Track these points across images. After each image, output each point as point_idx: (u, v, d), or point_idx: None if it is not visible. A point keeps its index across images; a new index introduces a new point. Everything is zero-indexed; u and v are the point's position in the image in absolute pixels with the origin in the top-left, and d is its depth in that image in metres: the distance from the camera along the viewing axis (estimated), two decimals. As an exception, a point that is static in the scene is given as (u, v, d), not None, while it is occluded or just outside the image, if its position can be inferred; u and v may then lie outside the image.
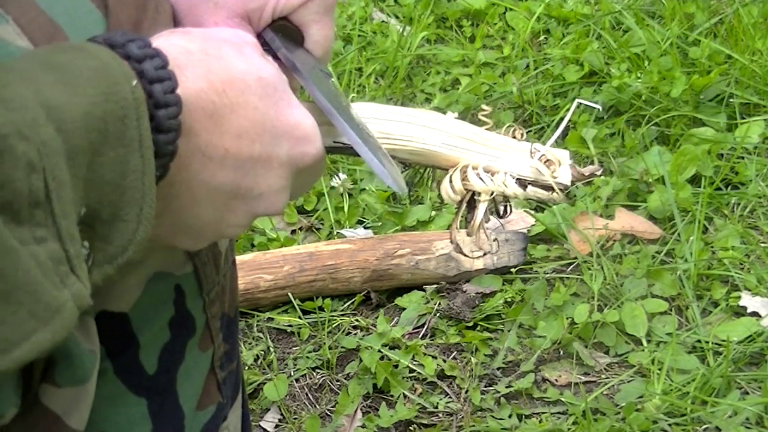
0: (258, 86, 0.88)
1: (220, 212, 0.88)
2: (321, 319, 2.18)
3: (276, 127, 0.89)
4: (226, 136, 0.85)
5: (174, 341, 1.05)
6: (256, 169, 0.88)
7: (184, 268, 1.04)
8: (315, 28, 1.08)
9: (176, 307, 1.04)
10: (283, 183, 0.90)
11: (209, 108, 0.84)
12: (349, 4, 3.02)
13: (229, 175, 0.87)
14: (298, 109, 0.91)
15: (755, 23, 2.77)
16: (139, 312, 1.01)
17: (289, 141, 0.90)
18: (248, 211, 0.90)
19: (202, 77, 0.84)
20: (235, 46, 0.89)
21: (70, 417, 0.93)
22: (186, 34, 0.88)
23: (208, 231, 0.90)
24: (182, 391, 1.07)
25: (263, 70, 0.89)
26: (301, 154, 0.91)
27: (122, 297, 0.99)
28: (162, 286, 1.03)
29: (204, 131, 0.84)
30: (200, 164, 0.85)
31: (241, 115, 0.86)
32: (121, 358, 1.02)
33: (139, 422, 1.04)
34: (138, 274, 1.00)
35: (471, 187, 1.06)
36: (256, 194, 0.89)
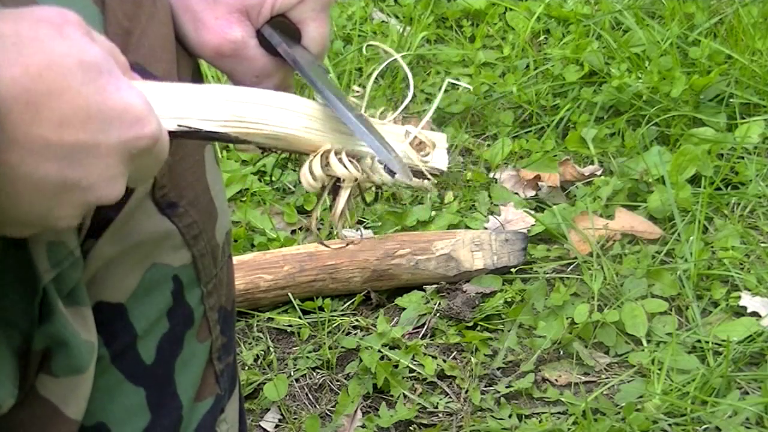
0: (79, 69, 0.80)
1: (47, 205, 0.82)
2: (321, 319, 2.18)
3: (102, 111, 0.81)
4: (45, 126, 0.79)
5: (172, 331, 1.05)
6: (83, 158, 0.81)
7: (182, 260, 1.04)
8: (312, 25, 1.08)
9: (174, 298, 1.04)
10: (115, 171, 0.83)
11: (24, 96, 0.77)
12: (349, 4, 3.02)
13: (53, 167, 0.80)
14: (128, 90, 0.84)
15: (755, 23, 2.77)
16: (136, 302, 1.01)
17: (119, 126, 0.83)
18: (79, 202, 0.83)
19: (15, 62, 0.77)
20: (55, 26, 0.81)
21: (68, 407, 0.93)
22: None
23: (37, 223, 0.84)
24: (180, 382, 1.07)
25: (86, 52, 0.81)
26: (134, 138, 0.84)
27: (119, 288, 1.00)
28: (159, 277, 1.02)
29: (20, 122, 0.78)
30: (19, 157, 0.79)
31: (62, 102, 0.79)
32: (118, 347, 1.02)
33: (137, 412, 1.04)
34: (135, 264, 1.00)
35: (333, 173, 0.99)
36: (85, 185, 0.82)
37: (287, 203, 2.46)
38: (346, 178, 0.99)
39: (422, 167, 1.01)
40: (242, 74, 1.10)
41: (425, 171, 1.02)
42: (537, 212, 2.40)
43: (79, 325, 0.92)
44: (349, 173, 0.99)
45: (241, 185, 2.49)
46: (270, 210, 2.43)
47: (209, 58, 1.09)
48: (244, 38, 1.07)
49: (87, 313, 0.94)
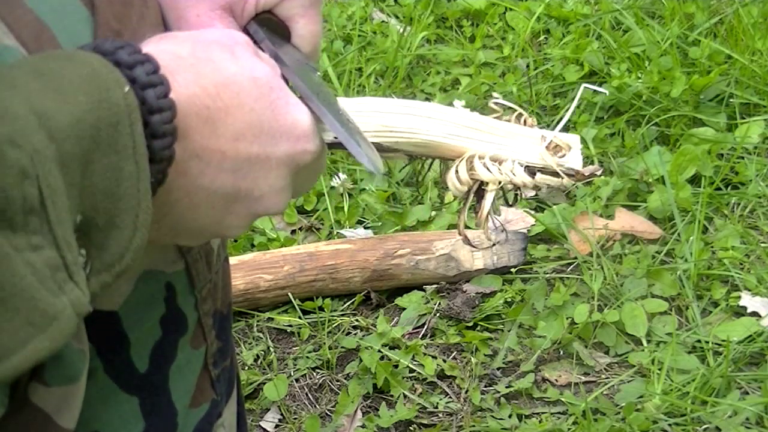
0: (252, 87, 0.86)
1: (220, 215, 0.88)
2: (321, 319, 2.18)
3: (273, 127, 0.87)
4: (222, 140, 0.85)
5: (165, 339, 1.04)
6: (255, 170, 0.87)
7: (175, 266, 1.03)
8: (301, 22, 1.05)
9: (167, 305, 1.04)
10: (283, 183, 0.89)
11: (204, 113, 0.83)
12: (349, 4, 3.02)
13: (228, 178, 0.86)
14: (295, 107, 0.90)
15: (755, 23, 2.77)
16: (129, 310, 1.00)
17: (287, 140, 0.89)
18: (249, 213, 0.89)
19: (194, 82, 0.83)
20: (226, 47, 0.87)
21: (61, 416, 0.92)
22: (175, 39, 0.87)
23: (209, 232, 0.90)
24: (175, 389, 1.07)
25: (256, 70, 0.88)
26: (300, 152, 0.90)
27: (112, 295, 0.99)
28: (152, 284, 1.02)
29: (200, 136, 0.84)
30: (198, 169, 0.84)
31: (237, 118, 0.85)
32: (111, 356, 1.01)
33: (131, 420, 1.04)
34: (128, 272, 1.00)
35: (477, 176, 1.03)
36: (256, 195, 0.88)
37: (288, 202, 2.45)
38: (490, 181, 1.03)
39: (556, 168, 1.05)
40: None
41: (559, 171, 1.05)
42: (537, 212, 2.40)
43: None
44: (493, 176, 1.03)
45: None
46: (270, 210, 2.43)
47: None
48: None
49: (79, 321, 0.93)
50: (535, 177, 1.05)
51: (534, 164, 1.05)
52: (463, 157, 1.04)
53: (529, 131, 1.08)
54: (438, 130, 1.03)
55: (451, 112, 1.04)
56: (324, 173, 2.47)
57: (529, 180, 1.05)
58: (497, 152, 1.04)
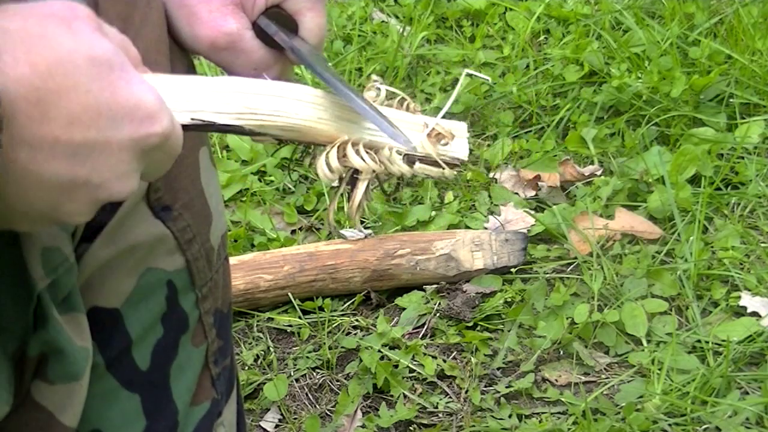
0: (89, 65, 0.79)
1: (57, 202, 0.81)
2: (321, 319, 2.18)
3: (113, 109, 0.80)
4: (54, 124, 0.78)
5: (167, 337, 1.04)
6: (93, 156, 0.80)
7: (176, 264, 1.03)
8: (308, 15, 1.08)
9: (168, 303, 1.04)
10: (127, 167, 0.82)
11: (33, 95, 0.76)
12: (349, 4, 3.02)
13: (63, 165, 0.79)
14: (139, 86, 0.82)
15: (755, 23, 2.77)
16: (130, 308, 1.00)
17: (130, 122, 0.81)
18: (90, 199, 0.82)
19: (24, 61, 0.76)
20: (63, 21, 0.80)
21: (63, 413, 0.93)
22: (5, 12, 0.79)
23: (47, 219, 0.83)
24: (176, 387, 1.07)
25: (95, 47, 0.80)
26: (145, 135, 0.82)
27: (114, 293, 0.99)
28: (154, 282, 1.02)
29: (29, 121, 0.77)
30: (28, 156, 0.78)
31: (71, 100, 0.78)
32: (113, 354, 1.01)
33: (132, 418, 1.04)
34: (129, 269, 1.00)
35: (350, 164, 0.98)
36: (96, 182, 0.81)
37: (287, 203, 2.46)
38: (363, 169, 0.99)
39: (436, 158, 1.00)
40: (240, 67, 1.09)
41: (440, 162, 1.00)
42: (537, 212, 2.40)
43: (73, 332, 0.92)
44: (366, 165, 0.98)
45: (241, 185, 2.49)
46: (270, 210, 2.43)
47: (205, 52, 1.08)
48: (240, 30, 1.07)
49: (82, 319, 0.93)
50: (414, 166, 1.00)
51: (414, 153, 1.00)
52: (335, 143, 0.98)
53: (411, 117, 1.03)
54: (306, 114, 0.97)
55: (321, 96, 0.99)
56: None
57: (408, 169, 1.00)
58: (373, 139, 0.99)
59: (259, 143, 1.04)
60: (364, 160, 0.98)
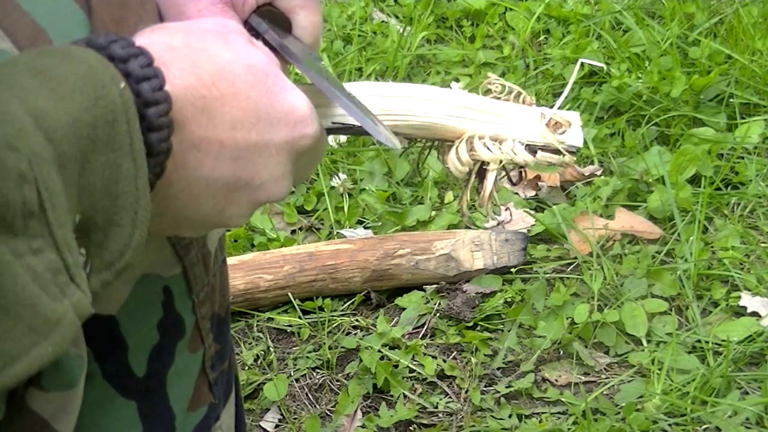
0: (247, 74, 0.86)
1: (221, 204, 0.87)
2: (321, 319, 2.18)
3: (271, 113, 0.87)
4: (219, 129, 0.84)
5: (163, 343, 1.04)
6: (254, 158, 0.86)
7: (173, 270, 1.03)
8: (302, 14, 1.07)
9: (165, 309, 1.03)
10: (283, 169, 0.89)
11: (200, 103, 0.83)
12: (349, 4, 3.02)
13: (228, 167, 0.85)
14: (292, 92, 0.89)
15: (755, 23, 2.77)
16: (126, 314, 1.00)
17: (286, 126, 0.88)
18: (250, 201, 0.88)
19: (189, 72, 0.83)
20: (220, 35, 0.87)
21: (58, 421, 0.92)
22: (167, 30, 0.86)
23: (211, 222, 0.89)
24: (172, 393, 1.06)
25: (251, 57, 0.87)
26: (299, 137, 0.89)
27: (110, 300, 0.99)
28: (150, 288, 1.02)
29: (197, 127, 0.83)
30: (196, 160, 0.84)
31: (233, 106, 0.85)
32: (109, 361, 1.01)
33: (129, 425, 1.04)
34: (125, 276, 0.99)
35: (478, 157, 1.03)
36: (257, 184, 0.87)
37: (287, 203, 2.46)
38: (491, 160, 1.03)
39: (557, 145, 1.05)
40: None
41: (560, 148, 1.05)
42: (537, 212, 2.40)
43: None
44: (494, 155, 1.03)
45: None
46: (270, 210, 2.43)
47: None
48: None
49: None
50: (536, 155, 1.05)
51: (535, 142, 1.05)
52: (462, 138, 1.04)
53: (528, 110, 1.07)
54: (436, 112, 1.03)
55: (449, 94, 1.04)
56: (324, 173, 2.47)
57: (531, 158, 1.05)
58: (497, 132, 1.04)
59: None
60: (492, 151, 1.03)
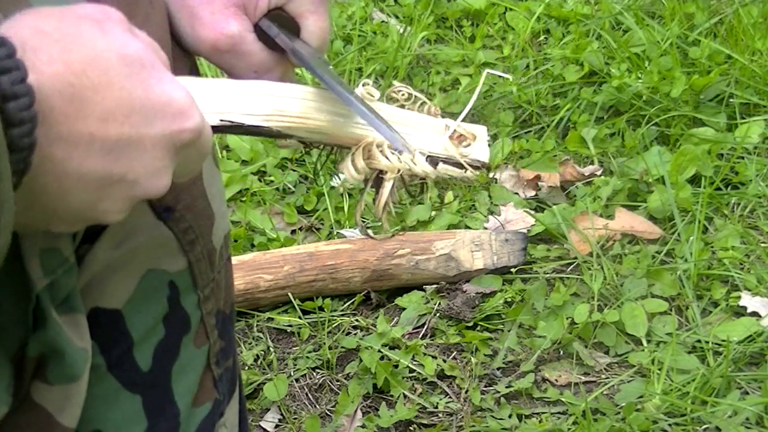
0: (122, 64, 0.81)
1: (93, 199, 0.82)
2: (321, 319, 2.18)
3: (146, 105, 0.82)
4: (90, 121, 0.79)
5: (168, 338, 1.04)
6: (128, 152, 0.81)
7: (178, 265, 1.03)
8: (311, 19, 1.08)
9: (170, 304, 1.04)
10: (160, 164, 0.84)
11: (68, 92, 0.78)
12: (349, 4, 3.02)
13: (99, 161, 0.80)
14: (170, 84, 0.84)
15: (755, 23, 2.77)
16: (132, 308, 1.00)
17: (162, 119, 0.83)
18: (126, 196, 0.84)
19: (59, 59, 0.78)
20: (96, 22, 0.82)
21: (63, 414, 0.92)
22: (39, 14, 0.81)
23: (83, 217, 0.84)
24: (177, 388, 1.07)
25: (128, 47, 0.82)
26: (178, 130, 0.84)
27: (115, 294, 0.99)
28: (156, 283, 1.02)
29: (65, 118, 0.78)
30: (65, 153, 0.79)
31: (105, 97, 0.80)
32: (114, 354, 1.01)
33: (133, 419, 1.04)
34: (131, 270, 1.00)
35: (375, 165, 1.01)
36: (131, 179, 0.82)
37: (287, 203, 2.46)
38: (389, 169, 1.01)
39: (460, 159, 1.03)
40: (241, 70, 1.09)
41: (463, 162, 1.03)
42: (537, 212, 2.40)
43: (73, 333, 0.91)
44: (392, 164, 1.01)
45: (241, 185, 2.49)
46: (270, 210, 2.43)
47: (207, 54, 1.08)
48: (241, 32, 1.06)
49: (81, 320, 0.93)
50: (437, 167, 1.02)
51: (437, 154, 1.03)
52: (360, 144, 1.01)
53: (433, 120, 1.05)
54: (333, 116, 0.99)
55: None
56: (324, 173, 2.47)
57: (431, 170, 1.02)
58: None
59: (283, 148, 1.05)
60: (389, 160, 1.00)
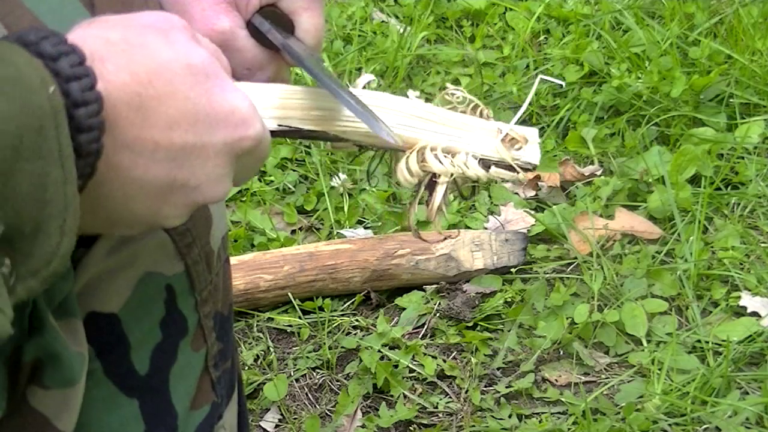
0: (187, 73, 0.83)
1: (156, 205, 0.84)
2: (321, 319, 2.18)
3: (209, 114, 0.84)
4: (155, 129, 0.81)
5: (166, 341, 1.04)
6: (191, 160, 0.83)
7: (175, 269, 1.03)
8: (305, 16, 1.07)
9: (167, 307, 1.03)
10: (221, 171, 0.85)
11: (135, 101, 0.80)
12: (349, 4, 3.02)
13: (163, 168, 0.82)
14: (233, 93, 0.86)
15: (755, 23, 2.77)
16: (129, 312, 1.00)
17: (225, 128, 0.85)
18: (187, 203, 0.85)
19: (125, 69, 0.79)
20: (161, 31, 0.83)
21: (59, 419, 0.92)
22: (106, 23, 0.82)
23: (146, 222, 0.86)
24: (175, 391, 1.06)
25: (192, 56, 0.83)
26: (239, 139, 0.86)
27: (112, 298, 0.99)
28: (152, 287, 1.01)
29: (131, 126, 0.80)
30: (130, 160, 0.81)
31: (170, 106, 0.81)
32: (111, 358, 1.00)
33: (131, 423, 1.03)
34: (128, 274, 0.99)
35: (428, 168, 1.00)
36: (193, 185, 0.84)
37: (287, 203, 2.46)
38: (441, 173, 1.01)
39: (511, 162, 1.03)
40: (233, 67, 1.08)
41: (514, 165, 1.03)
42: (537, 212, 2.40)
43: (69, 337, 0.91)
44: (444, 168, 1.01)
45: (241, 185, 2.49)
46: (270, 210, 2.43)
47: None
48: (233, 29, 1.06)
49: (77, 324, 0.93)
50: (489, 170, 1.03)
51: (489, 157, 1.03)
52: (414, 148, 1.01)
53: (485, 123, 1.05)
54: (388, 120, 0.99)
55: (404, 103, 1.02)
56: (324, 173, 2.47)
57: (483, 173, 1.02)
58: (450, 144, 1.02)
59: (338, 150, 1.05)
60: (443, 164, 1.01)
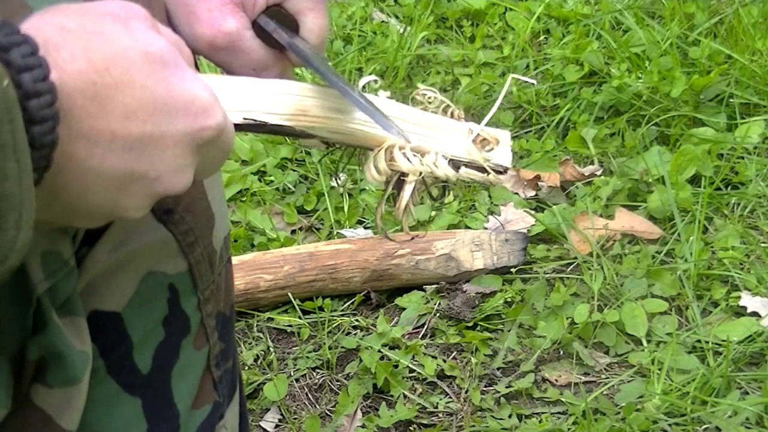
0: (144, 61, 0.81)
1: (114, 196, 0.82)
2: (321, 319, 2.18)
3: (168, 104, 0.82)
4: (111, 119, 0.79)
5: (168, 340, 1.04)
6: (149, 150, 0.81)
7: (178, 267, 1.03)
8: (309, 16, 1.08)
9: (170, 306, 1.03)
10: (182, 162, 0.84)
11: (90, 90, 0.78)
12: (349, 4, 3.02)
13: (120, 159, 0.80)
14: (193, 82, 0.84)
15: (755, 23, 2.77)
16: (131, 311, 1.00)
17: (185, 117, 0.83)
18: (147, 194, 0.84)
19: (81, 56, 0.78)
20: (119, 19, 0.82)
21: (62, 417, 0.92)
22: (63, 11, 0.81)
23: (105, 214, 0.85)
24: (177, 390, 1.06)
25: (150, 44, 0.82)
26: (200, 128, 0.84)
27: (114, 296, 0.99)
28: (155, 286, 1.02)
29: (87, 115, 0.78)
30: (86, 150, 0.79)
31: (127, 95, 0.79)
32: (114, 357, 1.01)
33: (133, 422, 1.04)
34: (130, 273, 0.99)
35: (397, 167, 1.00)
36: (153, 176, 0.82)
37: (287, 203, 2.46)
38: (410, 172, 1.00)
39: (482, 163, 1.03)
40: (239, 67, 1.08)
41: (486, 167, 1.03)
42: (537, 212, 2.40)
43: (73, 336, 0.91)
44: (413, 167, 1.00)
45: (241, 185, 2.49)
46: (270, 210, 2.43)
47: (205, 51, 1.08)
48: (239, 29, 1.06)
49: (81, 323, 0.93)
50: (459, 171, 1.02)
51: (459, 158, 1.03)
52: (382, 146, 1.01)
53: (456, 124, 1.05)
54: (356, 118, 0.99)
55: (374, 101, 1.01)
56: (324, 173, 2.47)
57: (453, 173, 1.02)
58: (420, 143, 1.01)
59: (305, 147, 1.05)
60: (411, 162, 1.00)
